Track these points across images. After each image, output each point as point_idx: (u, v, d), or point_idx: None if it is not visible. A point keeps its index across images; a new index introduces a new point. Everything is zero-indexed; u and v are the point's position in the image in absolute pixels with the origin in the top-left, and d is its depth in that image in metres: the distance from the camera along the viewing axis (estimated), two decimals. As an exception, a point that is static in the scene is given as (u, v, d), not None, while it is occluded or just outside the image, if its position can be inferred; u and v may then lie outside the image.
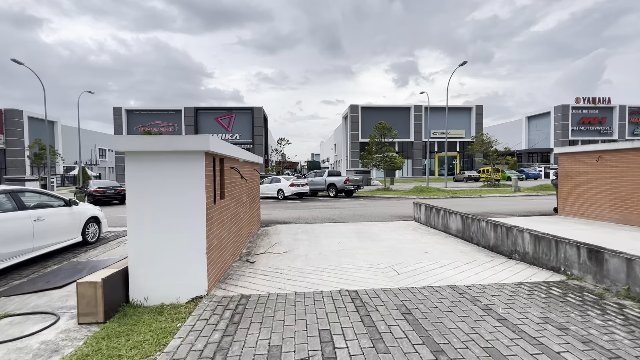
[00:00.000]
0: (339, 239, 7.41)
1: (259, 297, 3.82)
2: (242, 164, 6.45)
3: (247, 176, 7.32)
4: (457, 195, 19.13)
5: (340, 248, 6.46)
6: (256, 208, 8.71)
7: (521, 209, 12.39)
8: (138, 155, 3.72)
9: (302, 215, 11.80)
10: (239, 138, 51.35)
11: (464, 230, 7.03)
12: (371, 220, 10.46)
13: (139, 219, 3.74)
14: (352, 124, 50.17)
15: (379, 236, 7.61)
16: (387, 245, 6.67)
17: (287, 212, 12.81)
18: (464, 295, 3.77)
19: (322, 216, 11.54)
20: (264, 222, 10.33)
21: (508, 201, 15.85)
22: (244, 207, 6.69)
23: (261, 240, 7.37)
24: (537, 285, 4.13)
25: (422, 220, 9.33)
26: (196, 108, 51.41)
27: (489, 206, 13.74)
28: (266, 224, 9.83)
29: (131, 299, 3.76)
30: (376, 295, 3.79)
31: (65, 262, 6.12)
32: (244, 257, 5.89)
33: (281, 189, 19.59)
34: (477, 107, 53.54)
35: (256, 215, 8.68)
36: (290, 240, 7.26)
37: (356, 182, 20.47)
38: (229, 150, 4.86)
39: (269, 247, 6.68)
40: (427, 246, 6.53)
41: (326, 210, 13.16)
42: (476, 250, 6.18)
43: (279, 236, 7.83)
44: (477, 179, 39.74)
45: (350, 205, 14.99)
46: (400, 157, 24.57)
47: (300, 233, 8.19)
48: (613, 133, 57.03)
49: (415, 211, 9.95)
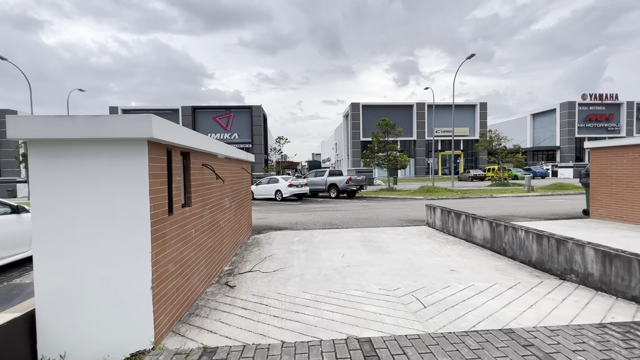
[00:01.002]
0: (342, 250, 6.20)
1: (228, 353, 2.61)
2: (222, 162, 5.25)
3: (233, 176, 6.12)
4: (466, 196, 17.89)
5: (345, 263, 5.25)
6: (246, 213, 7.51)
7: (544, 211, 11.15)
8: (46, 146, 2.53)
9: (300, 220, 10.59)
10: (238, 138, 50.22)
11: (494, 239, 5.81)
12: (378, 225, 9.24)
13: (50, 241, 2.54)
14: (353, 123, 48.95)
15: (390, 246, 6.39)
16: (401, 259, 5.46)
17: (284, 216, 11.61)
18: (530, 349, 2.56)
19: (322, 220, 10.33)
20: (257, 228, 9.13)
21: (524, 202, 14.61)
22: (227, 213, 5.49)
23: (250, 253, 6.17)
24: (630, 329, 2.91)
25: (438, 225, 8.11)
26: (194, 107, 50.28)
27: (506, 208, 12.51)
28: (259, 231, 8.63)
29: (40, 357, 2.57)
30: (401, 351, 2.58)
31: (6, 282, 4.97)
32: (225, 277, 4.69)
33: (279, 189, 18.40)
34: (481, 104, 52.26)
35: (246, 222, 7.48)
36: (284, 253, 6.05)
37: (359, 182, 19.25)
38: (198, 142, 3.66)
39: (257, 262, 5.47)
40: (451, 260, 5.32)
41: (327, 214, 11.96)
42: (513, 266, 4.96)
43: (271, 247, 6.62)
44: (482, 177, 38.51)
45: (353, 208, 13.78)
46: (405, 155, 23.33)
47: (296, 242, 6.98)
48: (621, 130, 55.63)
49: (428, 215, 8.73)
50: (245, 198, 7.44)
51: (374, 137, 23.70)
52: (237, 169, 6.53)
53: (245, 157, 7.12)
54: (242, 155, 6.78)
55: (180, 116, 49.61)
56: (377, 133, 23.70)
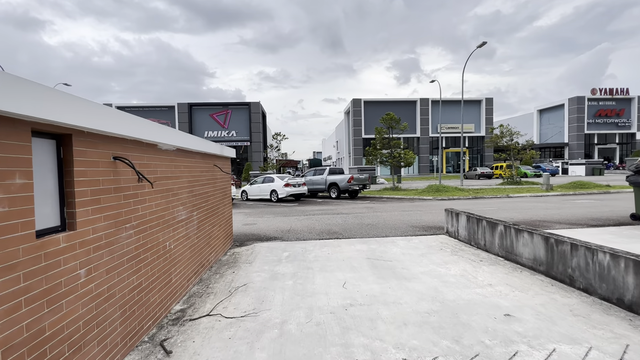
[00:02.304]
0: (343, 273, 4.64)
1: None
2: (171, 156, 3.67)
3: (196, 177, 4.56)
4: (480, 195, 16.27)
5: (347, 299, 3.68)
6: (221, 223, 5.93)
7: (580, 215, 9.54)
8: None
9: (294, 226, 9.02)
10: (236, 135, 48.71)
11: (552, 261, 4.22)
12: (387, 233, 7.67)
13: None
14: (354, 119, 47.32)
15: (407, 267, 4.82)
16: (426, 291, 3.89)
17: (276, 221, 10.05)
18: None
19: (320, 227, 8.76)
20: (241, 237, 7.57)
21: (548, 203, 12.99)
22: (183, 228, 3.93)
23: (220, 278, 4.61)
24: None
25: (462, 235, 6.52)
26: (190, 104, 48.76)
27: (532, 210, 10.91)
28: (242, 242, 7.07)
29: None
30: None
31: None
32: (166, 327, 3.13)
33: (274, 189, 16.82)
34: (487, 100, 50.51)
35: (222, 233, 5.91)
36: (265, 279, 4.49)
37: (361, 181, 17.65)
38: (98, 118, 2.10)
39: (224, 296, 3.91)
40: (498, 294, 3.74)
41: (326, 218, 10.38)
42: (596, 307, 3.37)
43: (250, 268, 5.06)
44: (490, 175, 36.91)
45: (356, 210, 12.20)
46: (410, 152, 21.71)
47: (284, 261, 5.41)
48: (632, 125, 53.78)
49: (449, 222, 7.15)
50: (220, 203, 5.87)
51: (377, 132, 22.09)
52: (204, 167, 4.96)
53: (218, 151, 5.55)
54: (213, 148, 5.21)
55: (176, 113, 48.18)
56: (380, 128, 22.08)
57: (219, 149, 5.60)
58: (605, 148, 54.98)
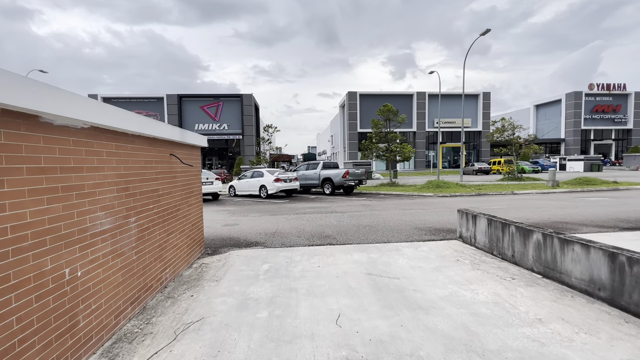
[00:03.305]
0: (337, 299, 3.47)
1: None
2: (86, 137, 2.42)
3: (146, 169, 3.33)
4: (483, 192, 15.24)
5: (341, 352, 2.52)
6: (184, 229, 4.70)
7: (603, 216, 8.50)
8: None
9: (281, 228, 7.84)
10: (228, 128, 47.19)
11: (619, 287, 3.10)
12: (388, 237, 6.53)
13: None
14: (350, 113, 46.05)
15: (422, 290, 3.67)
16: (454, 332, 2.73)
17: (261, 221, 8.85)
18: None
19: (310, 229, 7.59)
20: (216, 242, 6.36)
21: (559, 201, 11.99)
22: (117, 240, 2.71)
23: (169, 306, 3.41)
24: None
25: (481, 243, 5.40)
26: (180, 95, 46.97)
27: (546, 209, 9.87)
28: (215, 249, 5.86)
29: None
30: None
31: None
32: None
33: (264, 185, 15.58)
34: (485, 94, 49.67)
35: (184, 242, 4.68)
36: (230, 309, 3.30)
37: (357, 176, 16.49)
38: None
39: (165, 341, 2.72)
40: (556, 337, 2.61)
41: (318, 218, 9.21)
42: None
43: (215, 289, 3.86)
44: (487, 171, 36.16)
45: (352, 208, 11.05)
46: (409, 145, 20.59)
47: (262, 278, 4.23)
48: (628, 122, 53.43)
49: (463, 225, 6.02)
50: (183, 204, 4.64)
51: (374, 125, 20.91)
52: (153, 156, 3.72)
53: (177, 136, 4.31)
54: (166, 131, 3.96)
55: (165, 105, 46.39)
56: (377, 121, 20.90)
57: (179, 134, 4.35)
58: (601, 144, 54.63)
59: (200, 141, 5.36)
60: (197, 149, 5.43)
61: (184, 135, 4.52)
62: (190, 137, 4.80)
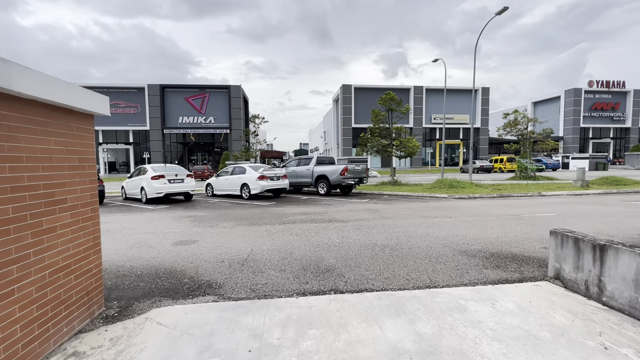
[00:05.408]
0: None
1: None
2: None
3: None
4: (505, 193, 12.91)
5: None
6: (30, 277, 2.10)
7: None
8: None
9: (257, 249, 5.27)
10: (214, 122, 44.13)
11: None
12: (427, 272, 4.05)
13: None
14: (344, 107, 43.50)
15: None
16: None
17: (232, 236, 6.27)
18: None
19: (301, 252, 5.05)
20: (140, 285, 3.76)
21: (611, 206, 9.72)
22: None
23: None
24: None
25: (618, 297, 2.95)
26: (162, 86, 43.59)
27: (611, 219, 7.54)
28: (128, 302, 3.27)
29: None
30: None
31: None
32: None
33: (246, 183, 12.91)
34: (483, 89, 47.84)
35: (42, 302, 2.10)
36: None
37: (358, 174, 13.97)
38: None
39: None
40: None
41: (313, 231, 6.68)
42: None
43: None
44: (489, 169, 34.26)
45: (356, 215, 8.54)
46: (414, 139, 18.22)
47: None
48: (626, 120, 52.34)
49: (566, 260, 3.54)
50: (33, 222, 2.03)
51: (374, 116, 18.42)
52: None
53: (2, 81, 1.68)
54: None
55: (146, 95, 43.01)
56: (378, 111, 18.43)
57: None
58: (600, 142, 53.45)
59: (102, 104, 2.74)
60: (80, 116, 2.80)
61: (59, 88, 1.89)
62: (95, 99, 2.17)
